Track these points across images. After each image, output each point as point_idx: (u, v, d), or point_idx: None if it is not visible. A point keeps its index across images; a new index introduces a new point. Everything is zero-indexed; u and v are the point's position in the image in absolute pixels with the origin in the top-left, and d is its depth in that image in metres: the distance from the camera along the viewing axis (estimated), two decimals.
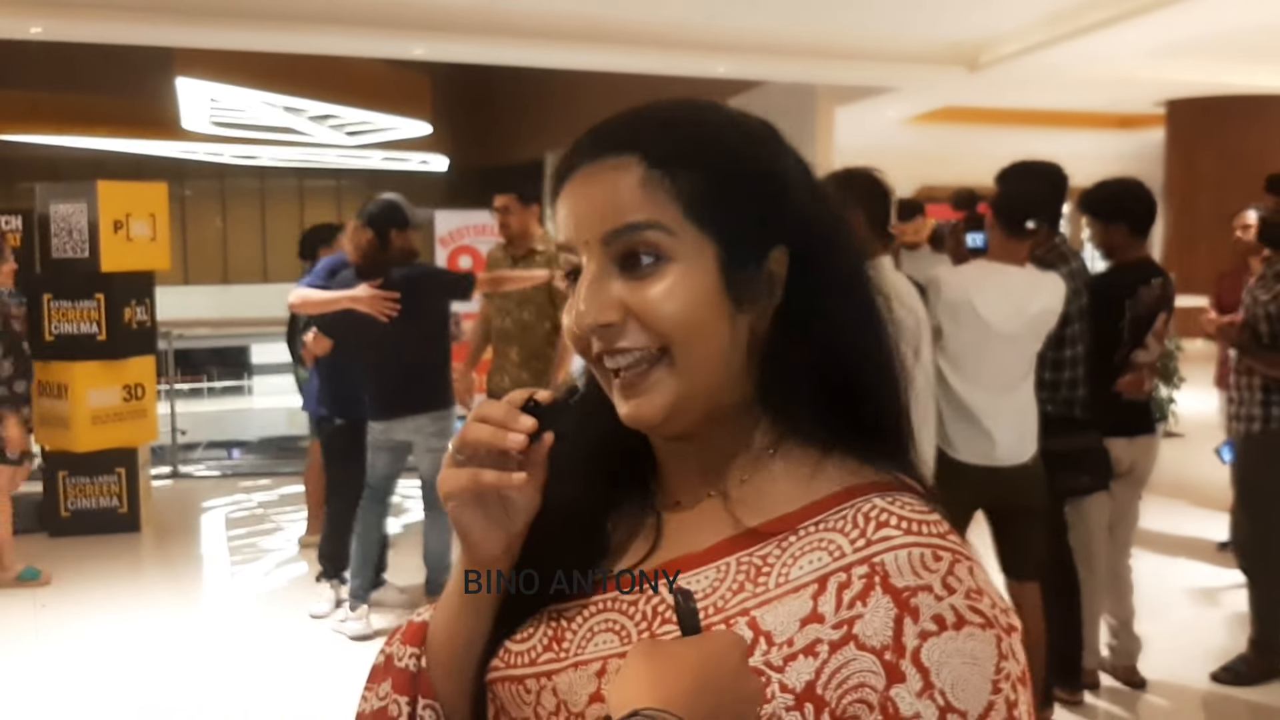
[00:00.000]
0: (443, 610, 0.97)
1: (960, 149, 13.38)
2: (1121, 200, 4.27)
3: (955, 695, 0.76)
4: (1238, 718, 4.28)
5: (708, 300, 0.84)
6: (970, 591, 0.79)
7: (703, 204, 0.84)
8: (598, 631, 0.89)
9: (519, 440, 0.85)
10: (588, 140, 0.89)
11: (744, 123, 0.91)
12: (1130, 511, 4.44)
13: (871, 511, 0.83)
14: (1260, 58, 9.31)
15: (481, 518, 0.89)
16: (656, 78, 8.76)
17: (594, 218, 0.85)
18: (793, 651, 0.79)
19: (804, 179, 0.91)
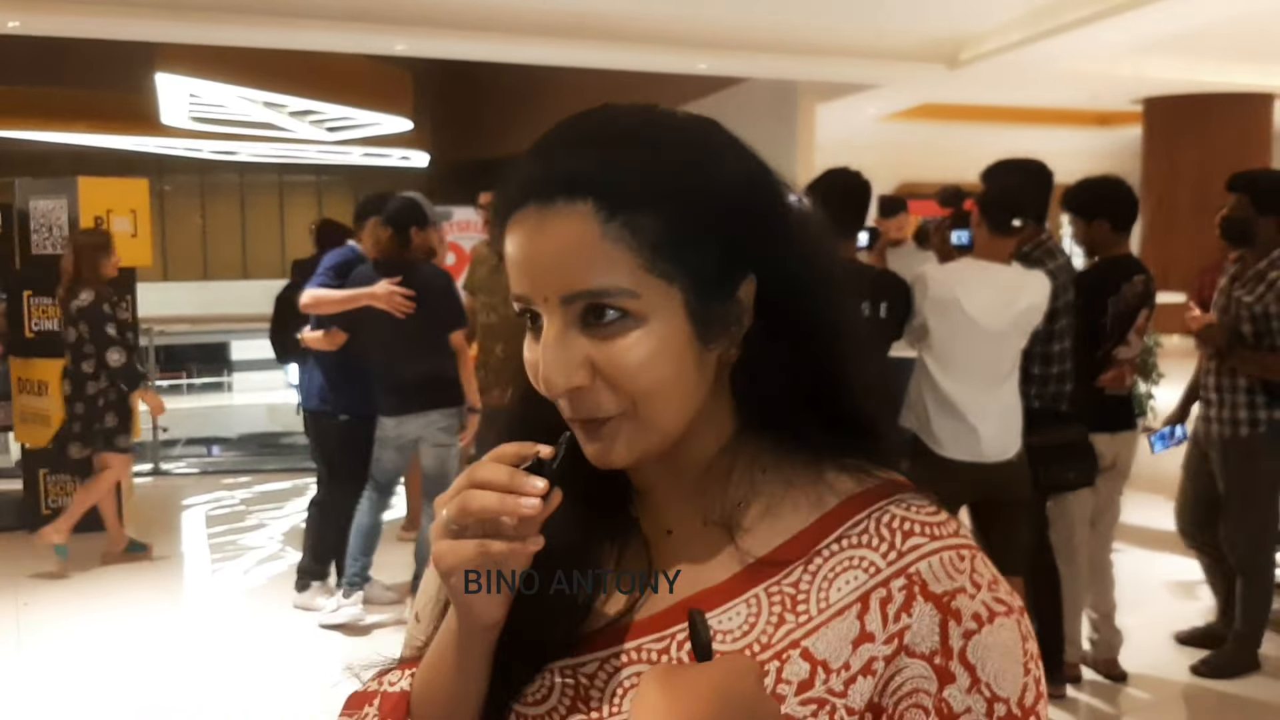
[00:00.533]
0: (430, 676, 0.90)
1: (940, 145, 13.45)
2: (1104, 198, 4.31)
3: (999, 685, 0.79)
4: (1217, 710, 4.33)
5: (677, 351, 0.80)
6: (990, 584, 0.82)
7: (666, 252, 0.79)
8: (631, 687, 0.84)
9: (535, 506, 0.79)
10: (538, 169, 0.81)
11: (695, 136, 0.84)
12: (1112, 506, 4.49)
13: (893, 522, 0.83)
14: (1235, 55, 9.41)
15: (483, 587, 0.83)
16: (638, 74, 8.78)
17: (550, 274, 0.80)
18: (851, 675, 0.80)
19: (762, 190, 0.85)
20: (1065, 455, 3.95)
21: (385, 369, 4.95)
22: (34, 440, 6.69)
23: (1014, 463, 3.71)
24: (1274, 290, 4.19)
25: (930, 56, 8.77)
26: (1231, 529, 4.48)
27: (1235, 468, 4.41)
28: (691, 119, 0.86)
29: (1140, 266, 4.37)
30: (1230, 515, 4.47)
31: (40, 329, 6.59)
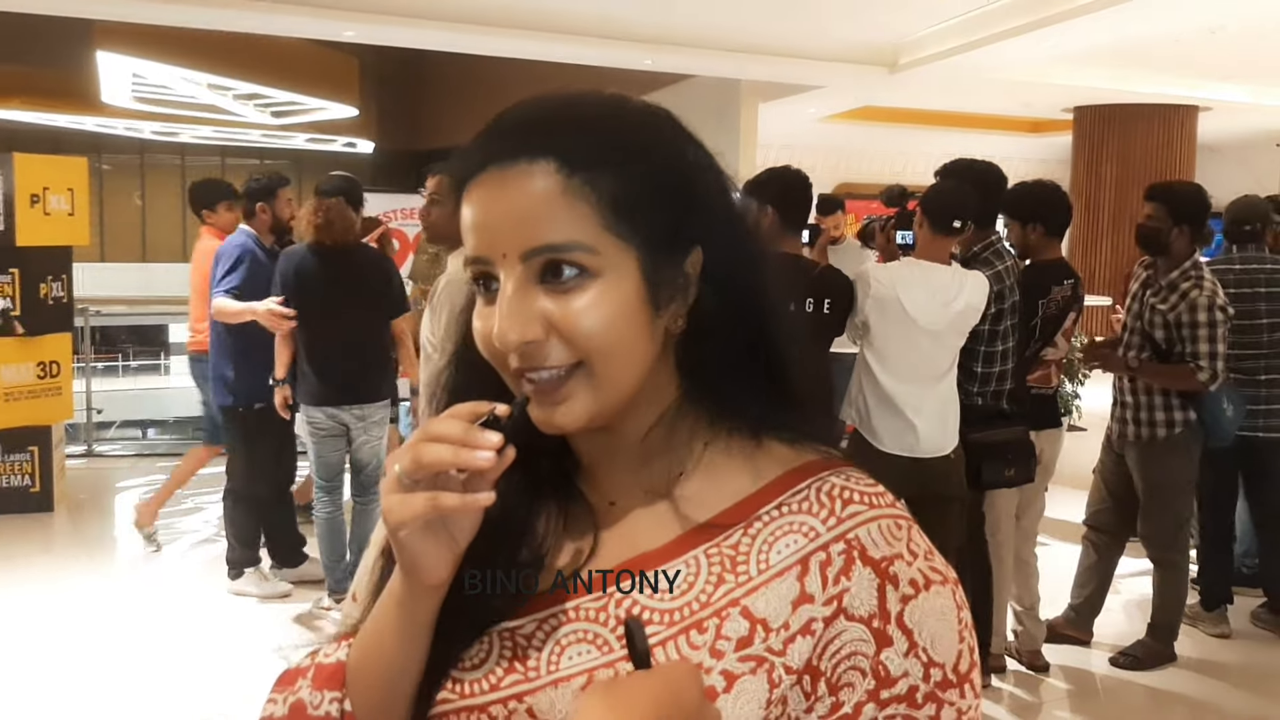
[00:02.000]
0: (369, 646, 0.90)
1: (879, 147, 13.64)
2: (1038, 202, 4.43)
3: (935, 650, 0.82)
4: (1134, 700, 4.47)
5: (631, 311, 0.83)
6: (926, 553, 0.85)
7: (623, 213, 0.82)
8: (569, 644, 0.85)
9: (489, 459, 0.79)
10: (497, 137, 0.84)
11: (654, 118, 0.88)
12: (1036, 501, 4.61)
13: (833, 490, 0.86)
14: (1163, 68, 9.67)
15: (431, 543, 0.83)
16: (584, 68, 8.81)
17: (510, 231, 0.81)
18: (790, 634, 0.81)
19: (709, 172, 0.89)
20: (1006, 453, 4.05)
21: (324, 355, 4.83)
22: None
23: (950, 458, 3.81)
24: (1186, 300, 4.34)
25: (871, 60, 8.91)
26: (1150, 526, 4.64)
27: (1153, 468, 4.55)
28: (644, 103, 0.90)
29: (1071, 271, 4.51)
30: (1149, 513, 4.62)
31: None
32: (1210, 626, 5.05)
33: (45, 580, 5.54)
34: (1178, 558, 4.65)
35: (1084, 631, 4.85)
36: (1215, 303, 4.31)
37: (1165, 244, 4.40)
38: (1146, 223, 4.44)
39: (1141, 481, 4.58)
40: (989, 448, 3.98)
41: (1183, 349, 4.35)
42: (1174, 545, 4.63)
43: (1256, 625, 5.16)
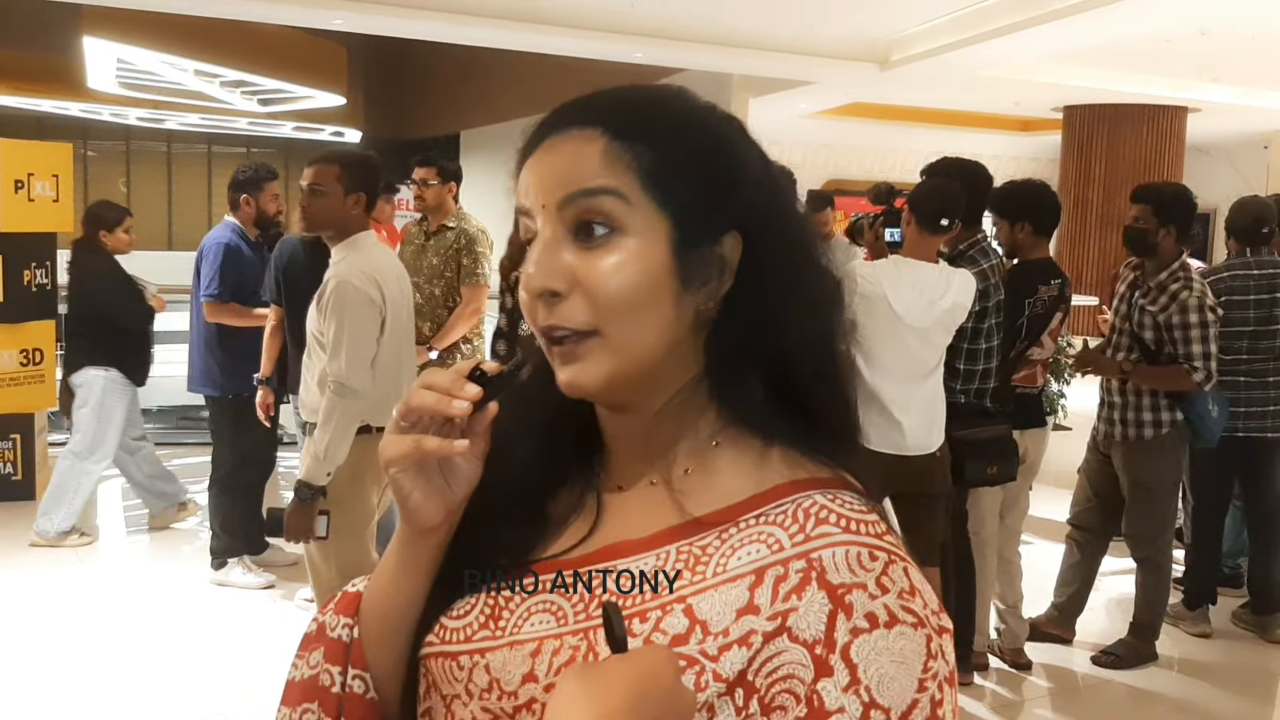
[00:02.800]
0: (377, 580, 0.97)
1: (869, 144, 13.63)
2: (1027, 201, 4.44)
3: (880, 692, 0.77)
4: (1115, 699, 4.50)
5: (655, 278, 0.84)
6: (903, 592, 0.80)
7: (661, 177, 0.85)
8: (535, 612, 0.88)
9: (463, 408, 0.85)
10: (554, 114, 0.90)
11: (710, 110, 0.92)
12: (1021, 500, 4.63)
13: (812, 508, 0.84)
14: (1153, 69, 9.68)
15: (423, 485, 0.89)
16: (574, 60, 8.79)
17: (552, 183, 0.86)
18: (728, 641, 0.80)
19: (763, 171, 0.91)
20: (989, 451, 4.07)
21: None
22: None
23: (935, 456, 3.82)
24: (1177, 302, 4.35)
25: (863, 56, 8.89)
26: (1135, 526, 4.66)
27: (1139, 468, 4.57)
28: (712, 104, 0.94)
29: (1058, 271, 4.52)
30: (1134, 513, 4.64)
31: None
32: (1191, 626, 5.07)
33: (27, 569, 5.51)
34: (1161, 557, 4.67)
35: (1066, 630, 4.87)
36: (1205, 303, 4.33)
37: (1153, 245, 4.42)
38: (1134, 224, 4.44)
39: (1127, 481, 4.59)
40: (972, 446, 3.99)
41: (1173, 350, 4.36)
42: (1158, 545, 4.65)
43: (1237, 625, 5.18)
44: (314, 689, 0.97)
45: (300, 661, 0.99)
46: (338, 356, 3.39)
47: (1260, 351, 4.83)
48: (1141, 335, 4.46)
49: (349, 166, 3.54)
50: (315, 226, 3.58)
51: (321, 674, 0.97)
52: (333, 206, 3.52)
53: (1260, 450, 4.92)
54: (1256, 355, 4.83)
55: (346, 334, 3.39)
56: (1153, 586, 4.69)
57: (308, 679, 0.98)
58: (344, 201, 3.50)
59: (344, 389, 3.38)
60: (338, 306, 3.40)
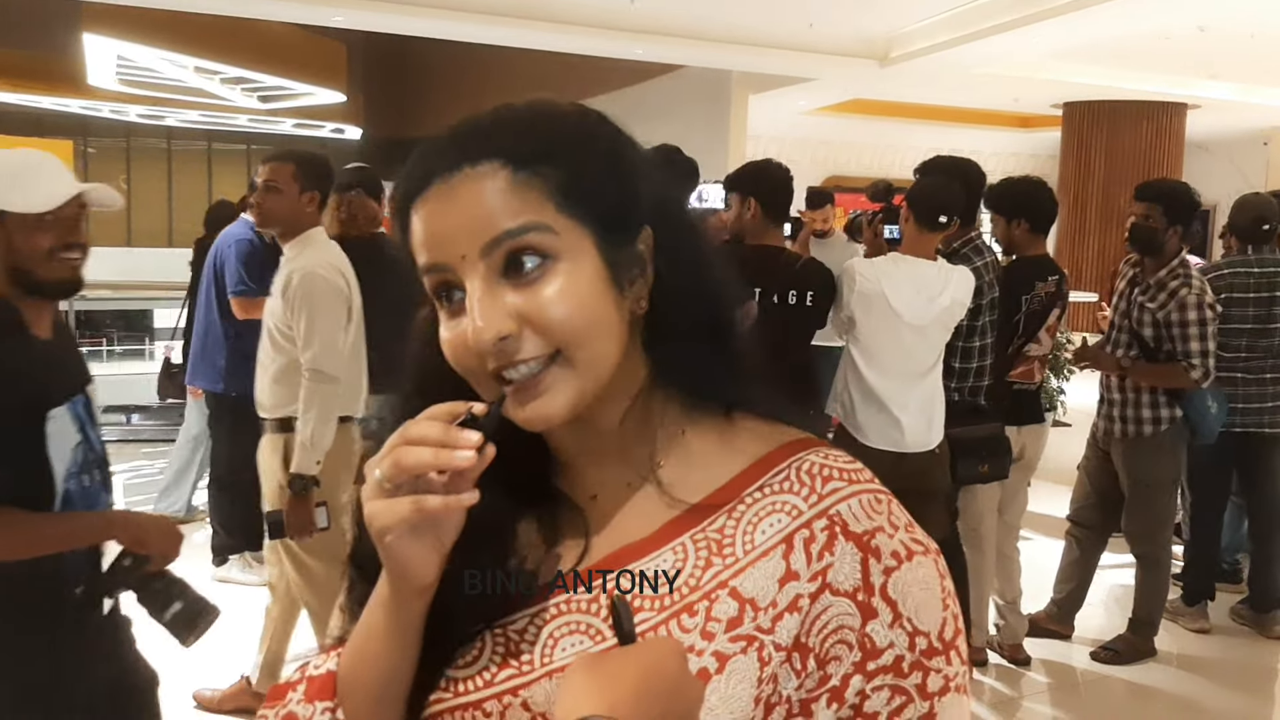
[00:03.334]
0: (361, 651, 0.90)
1: (868, 141, 13.64)
2: (1024, 198, 4.44)
3: (919, 619, 0.84)
4: (1114, 694, 4.50)
5: (597, 293, 0.84)
6: (907, 525, 0.87)
7: (574, 196, 0.83)
8: (562, 636, 0.86)
9: (470, 459, 0.79)
10: (434, 153, 0.85)
11: (589, 116, 0.90)
12: (1019, 496, 4.64)
13: (812, 468, 0.87)
14: (1150, 65, 9.69)
15: (418, 547, 0.82)
16: (574, 57, 8.80)
17: (465, 232, 0.82)
18: (779, 612, 0.82)
19: (644, 158, 0.91)
20: (981, 448, 4.07)
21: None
22: None
23: (935, 453, 3.82)
24: (1176, 299, 4.35)
25: (862, 53, 8.90)
26: (1135, 523, 4.66)
27: (1139, 465, 4.58)
28: (576, 103, 0.91)
29: (1055, 267, 4.52)
30: (1134, 510, 4.64)
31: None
32: (1190, 621, 5.08)
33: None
34: (1161, 554, 4.68)
35: (1065, 626, 4.88)
36: (1204, 301, 4.34)
37: (1160, 244, 4.42)
38: (1143, 223, 4.42)
39: (1127, 478, 4.60)
40: (964, 443, 4.00)
41: (1172, 347, 4.37)
42: (1158, 541, 4.66)
43: (1236, 621, 5.19)
44: None
45: None
46: (312, 345, 3.46)
47: (1259, 349, 4.84)
48: (1140, 332, 4.46)
49: (304, 165, 3.61)
50: (269, 223, 3.65)
51: None
52: (287, 204, 3.58)
53: (1258, 446, 4.93)
54: (1255, 353, 4.84)
55: (319, 323, 3.48)
56: (1152, 583, 4.70)
57: None
58: (298, 199, 3.57)
59: (322, 376, 3.45)
60: (307, 298, 3.48)
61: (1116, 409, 4.58)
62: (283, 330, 3.53)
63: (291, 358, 3.52)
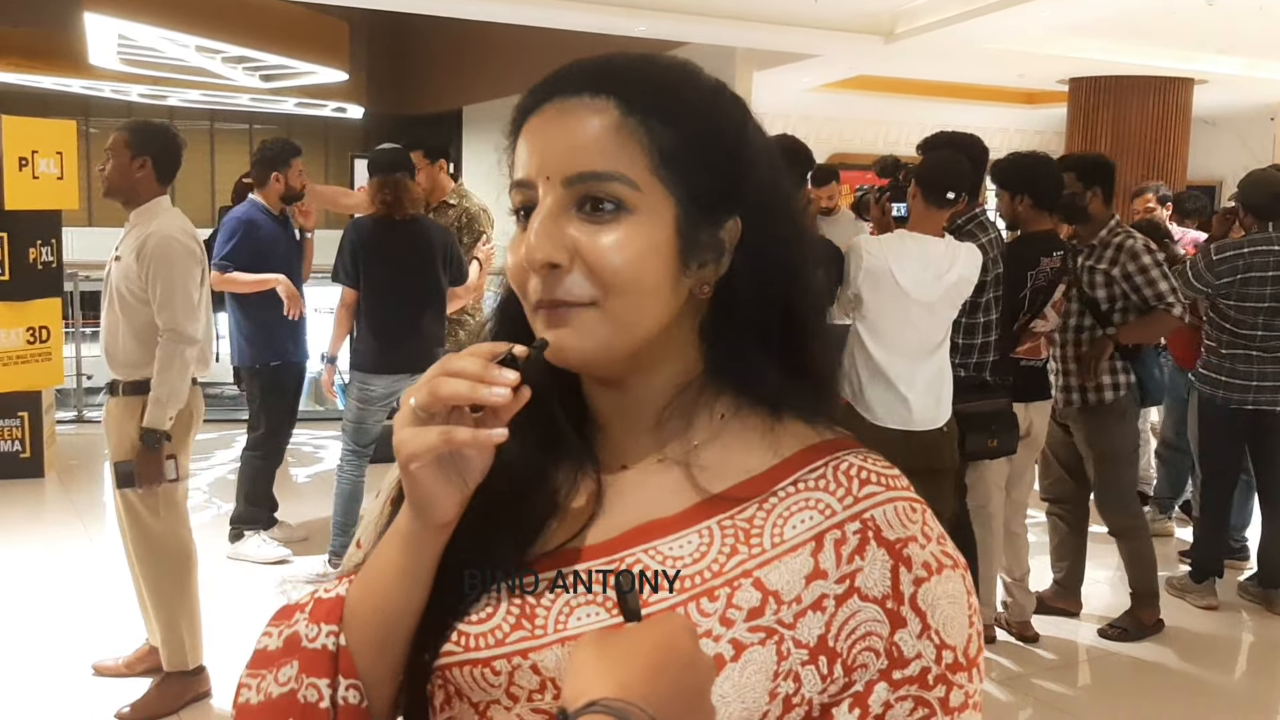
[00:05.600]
0: (372, 584, 0.89)
1: (873, 118, 13.57)
2: (1028, 174, 4.43)
3: (947, 633, 0.83)
4: (1122, 670, 4.52)
5: (658, 259, 0.83)
6: (939, 538, 0.85)
7: (672, 161, 0.83)
8: (578, 605, 0.85)
9: (505, 395, 0.79)
10: (562, 75, 0.86)
11: (721, 89, 0.90)
12: (1027, 473, 4.65)
13: (850, 470, 0.86)
14: (1157, 40, 9.62)
15: (441, 480, 0.83)
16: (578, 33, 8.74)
17: (561, 155, 0.83)
18: (802, 608, 0.82)
19: (766, 152, 0.91)
20: (989, 424, 4.07)
21: (392, 328, 4.85)
22: None
23: (943, 431, 3.82)
24: (1125, 250, 4.44)
25: (867, 29, 8.84)
26: (1106, 498, 4.71)
27: (1100, 437, 4.62)
28: (716, 78, 0.92)
29: (1060, 243, 4.51)
30: (1103, 485, 4.69)
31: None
32: (1198, 598, 5.09)
33: (36, 546, 5.54)
34: (1136, 522, 4.73)
35: (1072, 602, 4.89)
36: (1150, 246, 4.46)
37: (1082, 208, 4.51)
38: (1067, 197, 4.51)
39: (1091, 451, 4.64)
40: (972, 419, 4.00)
41: (1126, 304, 4.45)
42: (1130, 510, 4.73)
43: (1243, 597, 5.20)
44: (291, 708, 0.88)
45: (258, 681, 0.90)
46: (170, 306, 3.65)
47: (1276, 328, 4.82)
48: (1094, 296, 4.49)
49: (136, 132, 3.82)
50: (111, 191, 3.83)
51: (303, 690, 0.88)
52: (120, 171, 3.77)
53: (1270, 424, 4.92)
54: (1272, 331, 4.81)
55: (177, 285, 3.67)
56: (1137, 552, 4.72)
57: (279, 696, 0.89)
58: (129, 166, 3.76)
59: (180, 335, 3.65)
60: (165, 260, 3.67)
61: (1073, 379, 4.59)
62: (136, 293, 3.70)
63: (145, 320, 3.69)
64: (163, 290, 3.66)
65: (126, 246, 3.75)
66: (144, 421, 3.63)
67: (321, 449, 7.66)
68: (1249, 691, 4.43)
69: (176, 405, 3.67)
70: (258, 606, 4.72)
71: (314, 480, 7.00)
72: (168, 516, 3.81)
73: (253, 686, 0.91)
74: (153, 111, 12.83)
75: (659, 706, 0.71)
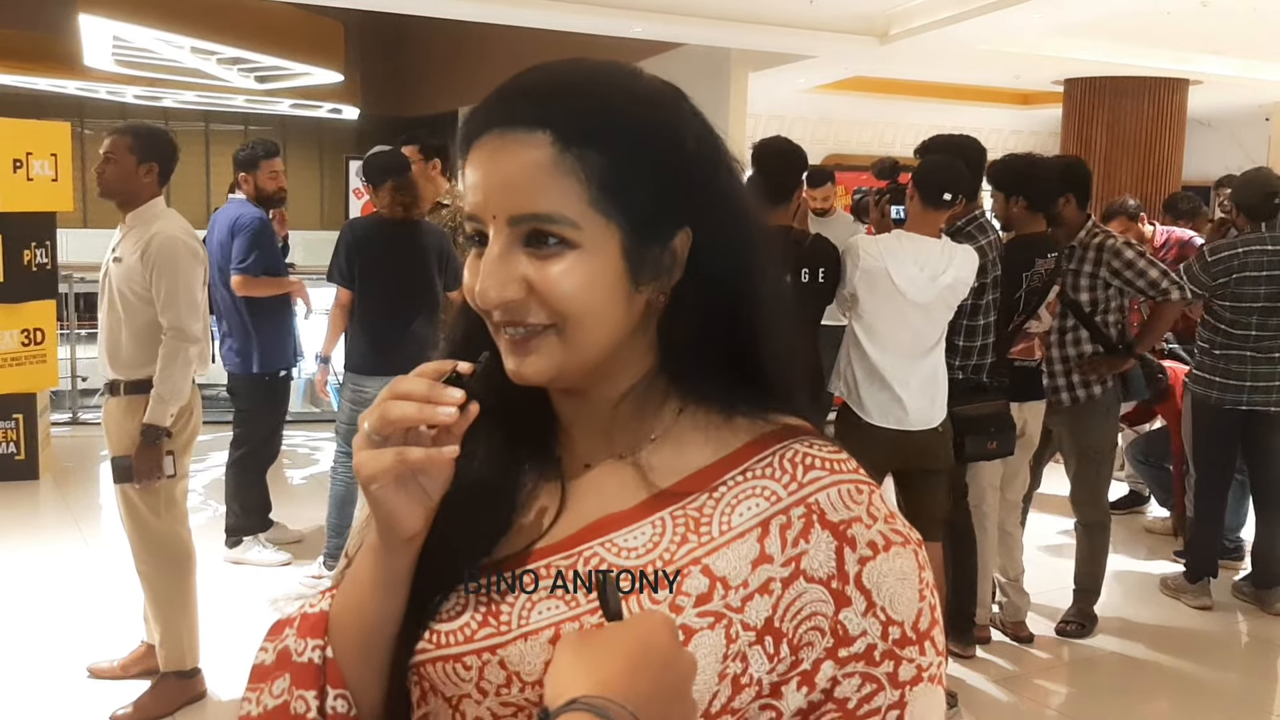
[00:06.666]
0: (350, 596, 0.94)
1: (869, 119, 13.57)
2: (1023, 176, 4.45)
3: (893, 609, 0.85)
4: (1116, 670, 4.53)
5: (606, 284, 0.86)
6: (887, 516, 0.88)
7: (610, 190, 0.85)
8: (539, 601, 0.88)
9: (451, 415, 0.83)
10: (501, 101, 0.87)
11: (655, 95, 0.90)
12: (1020, 473, 4.65)
13: (795, 456, 0.89)
14: (1152, 41, 9.63)
15: (404, 497, 0.86)
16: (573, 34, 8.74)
17: (502, 195, 0.85)
18: (749, 592, 0.84)
19: (710, 152, 0.91)
20: (989, 425, 4.08)
21: (386, 330, 4.84)
22: None
23: (938, 432, 3.82)
24: (1107, 249, 4.48)
25: (862, 30, 8.84)
26: (1083, 492, 4.78)
27: (1087, 434, 4.67)
28: (654, 80, 0.91)
29: (1053, 244, 4.52)
30: (1082, 479, 4.75)
31: None
32: (1193, 598, 5.10)
33: (31, 548, 5.53)
34: (1105, 518, 4.82)
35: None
36: (1130, 240, 4.53)
37: (1055, 214, 4.50)
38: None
39: (1074, 447, 4.70)
40: (971, 421, 4.01)
41: (1133, 290, 4.51)
42: (1101, 506, 4.83)
43: (1238, 597, 5.21)
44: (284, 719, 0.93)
45: (255, 695, 0.95)
46: (174, 306, 3.70)
47: (1270, 328, 4.83)
48: (1078, 299, 4.51)
49: (140, 137, 3.84)
50: (108, 193, 3.85)
51: (294, 702, 0.93)
52: (124, 174, 3.79)
53: (1264, 424, 4.94)
54: (1265, 331, 4.83)
55: (181, 285, 3.72)
56: (1100, 547, 4.80)
57: (274, 709, 0.94)
58: (135, 170, 3.79)
59: (183, 334, 3.70)
60: (169, 261, 3.71)
61: (1060, 379, 4.62)
62: (139, 294, 3.74)
63: (147, 319, 3.74)
64: (167, 290, 3.70)
65: (126, 247, 3.78)
66: (145, 418, 3.67)
67: (317, 450, 7.67)
68: (1243, 691, 4.44)
69: (178, 402, 3.71)
70: (253, 610, 4.72)
71: (309, 482, 7.01)
72: (168, 516, 3.84)
73: (252, 700, 0.95)
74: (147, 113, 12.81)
75: (640, 703, 0.72)
